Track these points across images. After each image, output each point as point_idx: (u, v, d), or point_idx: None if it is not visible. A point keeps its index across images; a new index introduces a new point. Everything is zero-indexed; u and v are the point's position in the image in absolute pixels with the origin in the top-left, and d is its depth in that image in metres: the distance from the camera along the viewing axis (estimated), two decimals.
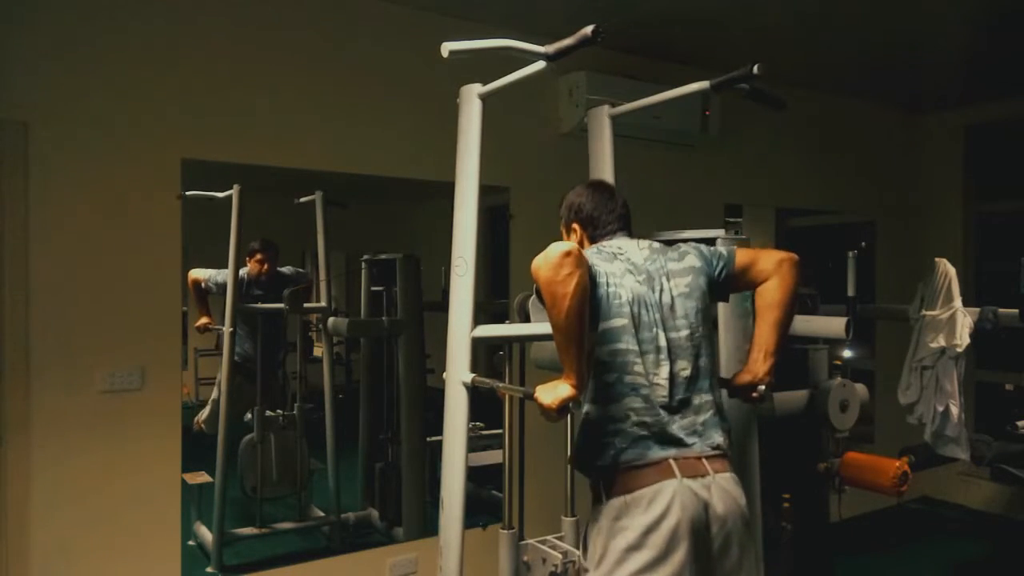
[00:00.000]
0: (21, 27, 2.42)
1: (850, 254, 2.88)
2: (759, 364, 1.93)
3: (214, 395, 3.03)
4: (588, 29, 1.72)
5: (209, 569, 2.91)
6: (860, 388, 2.81)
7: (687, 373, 1.81)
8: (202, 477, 2.91)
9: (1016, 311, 2.94)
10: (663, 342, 1.80)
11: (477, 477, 2.82)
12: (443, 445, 2.01)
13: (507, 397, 2.12)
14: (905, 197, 4.98)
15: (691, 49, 3.66)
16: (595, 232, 2.00)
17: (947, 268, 3.01)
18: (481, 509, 3.16)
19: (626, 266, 1.86)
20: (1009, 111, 4.60)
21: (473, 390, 1.96)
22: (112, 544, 2.56)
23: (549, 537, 2.11)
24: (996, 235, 4.87)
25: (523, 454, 2.89)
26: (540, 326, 2.26)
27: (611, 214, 1.99)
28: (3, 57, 2.40)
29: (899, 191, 4.96)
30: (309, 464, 3.23)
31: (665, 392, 1.77)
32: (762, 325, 1.92)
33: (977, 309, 3.03)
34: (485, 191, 2.04)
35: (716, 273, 1.94)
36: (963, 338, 2.94)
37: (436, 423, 2.06)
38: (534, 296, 2.42)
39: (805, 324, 2.78)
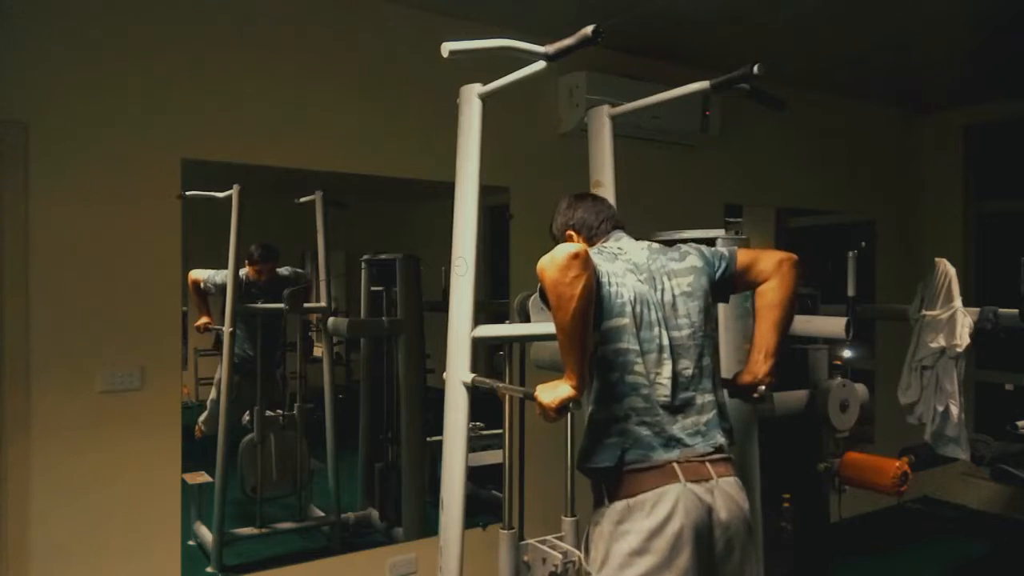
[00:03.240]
0: (21, 27, 2.42)
1: (850, 254, 2.87)
2: (759, 364, 1.93)
3: (212, 395, 3.03)
4: (588, 29, 1.72)
5: (209, 569, 2.91)
6: (860, 388, 2.81)
7: (689, 372, 1.81)
8: (202, 477, 2.91)
9: (1016, 311, 2.94)
10: (665, 341, 1.80)
11: (477, 477, 2.82)
12: (443, 445, 2.01)
13: (507, 397, 2.11)
14: (905, 197, 4.98)
15: (691, 49, 3.65)
16: (591, 233, 2.02)
17: (947, 268, 3.01)
18: (481, 509, 3.16)
19: (627, 266, 1.86)
20: (1009, 111, 4.59)
21: (473, 390, 1.96)
22: (112, 544, 2.56)
23: (549, 537, 2.10)
24: (996, 235, 4.87)
25: (523, 454, 2.89)
26: (540, 326, 2.27)
27: (601, 214, 2.03)
28: (3, 57, 2.40)
29: (899, 191, 4.96)
30: (309, 464, 3.23)
31: (667, 391, 1.77)
32: (762, 325, 1.92)
33: (977, 309, 3.03)
34: (485, 191, 2.03)
35: (717, 273, 1.94)
36: (963, 338, 2.94)
37: (436, 423, 2.06)
38: (536, 296, 2.42)
39: (805, 324, 2.78)
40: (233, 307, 2.98)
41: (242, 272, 3.08)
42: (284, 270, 3.27)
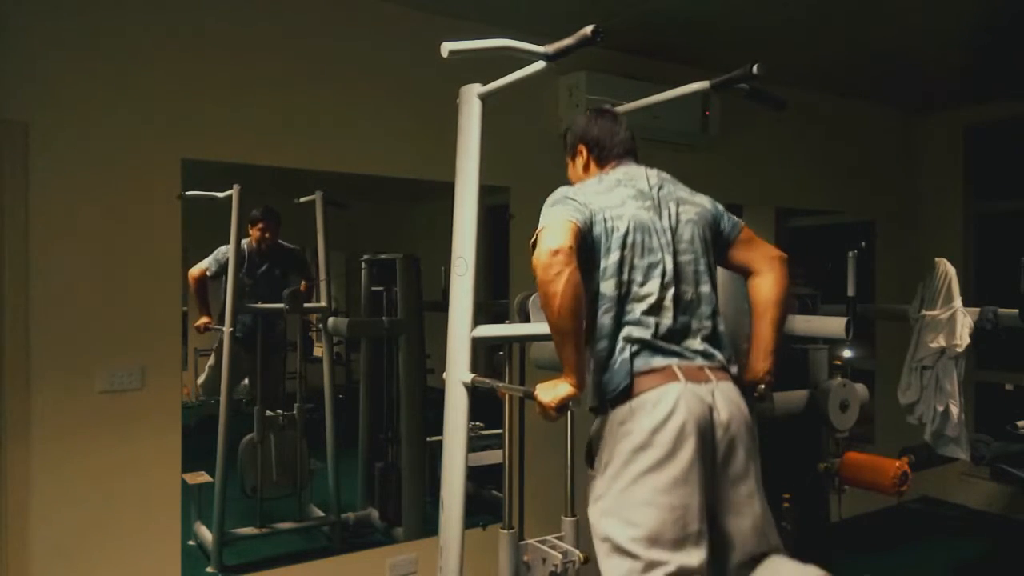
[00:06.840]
0: (21, 27, 2.42)
1: (850, 254, 2.87)
2: (759, 363, 1.94)
3: (211, 362, 3.03)
4: (588, 29, 1.72)
5: (209, 569, 2.91)
6: (860, 388, 2.81)
7: (689, 297, 1.82)
8: (202, 477, 2.91)
9: (1016, 311, 2.94)
10: (669, 265, 1.80)
11: (477, 477, 2.82)
12: (443, 445, 2.01)
13: (507, 397, 2.12)
14: (905, 197, 4.98)
15: (691, 49, 3.65)
16: (601, 154, 2.01)
17: (947, 268, 3.02)
18: (481, 509, 3.16)
19: (630, 192, 1.86)
20: (1009, 111, 4.59)
21: (473, 390, 1.96)
22: (112, 544, 2.56)
23: (549, 537, 2.11)
24: (996, 235, 4.87)
25: (523, 454, 2.89)
26: (540, 326, 2.26)
27: (616, 137, 2.01)
28: (3, 57, 2.40)
29: (899, 191, 4.96)
30: (309, 464, 3.23)
31: (669, 316, 1.78)
32: (760, 324, 1.93)
33: (977, 309, 3.03)
34: (485, 191, 2.04)
35: (722, 227, 1.96)
36: (963, 338, 2.94)
37: (436, 423, 2.06)
38: (536, 295, 2.42)
39: (805, 324, 2.78)
40: (234, 307, 2.98)
41: (244, 242, 3.08)
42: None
